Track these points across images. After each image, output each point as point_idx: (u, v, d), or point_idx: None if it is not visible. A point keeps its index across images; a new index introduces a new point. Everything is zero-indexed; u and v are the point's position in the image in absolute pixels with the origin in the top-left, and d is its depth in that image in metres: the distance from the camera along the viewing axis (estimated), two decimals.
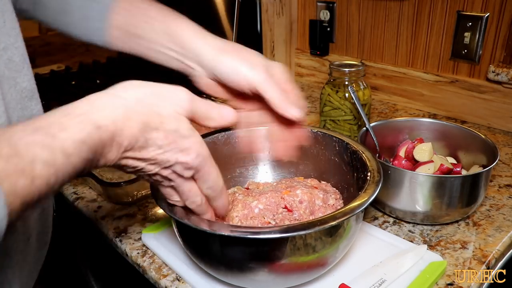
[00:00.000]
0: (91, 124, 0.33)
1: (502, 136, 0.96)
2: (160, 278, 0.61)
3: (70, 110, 0.34)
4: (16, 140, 0.29)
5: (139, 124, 0.36)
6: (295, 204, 0.57)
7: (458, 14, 0.98)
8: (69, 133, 0.32)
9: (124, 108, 0.36)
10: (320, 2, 1.23)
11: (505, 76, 0.92)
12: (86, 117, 0.33)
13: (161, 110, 0.38)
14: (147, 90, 0.39)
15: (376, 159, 0.59)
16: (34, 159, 0.29)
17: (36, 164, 0.29)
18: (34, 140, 0.30)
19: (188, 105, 0.40)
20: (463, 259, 0.60)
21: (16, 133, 0.30)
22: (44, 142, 0.30)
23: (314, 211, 0.57)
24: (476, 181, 0.64)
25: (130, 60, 1.65)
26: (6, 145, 0.28)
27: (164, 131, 0.38)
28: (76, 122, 0.33)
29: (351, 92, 0.80)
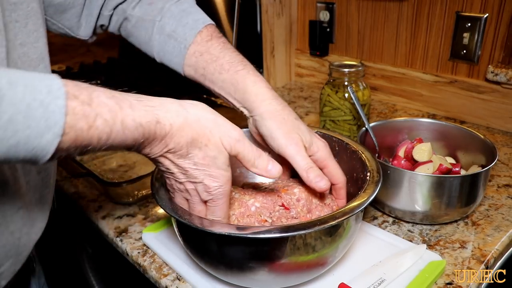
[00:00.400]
0: (153, 117, 0.39)
1: (501, 136, 0.96)
2: (160, 277, 0.61)
3: (144, 99, 0.40)
4: (94, 95, 0.35)
5: (188, 138, 0.42)
6: (292, 202, 0.57)
7: (457, 15, 0.98)
8: (134, 113, 0.38)
9: (184, 120, 0.42)
10: (319, 2, 1.24)
11: (504, 76, 0.93)
12: (152, 109, 0.39)
13: (210, 136, 0.44)
14: (209, 116, 0.44)
15: (375, 159, 0.60)
16: (99, 114, 0.35)
17: (98, 119, 0.35)
18: (107, 102, 0.36)
19: (234, 144, 0.45)
20: (462, 259, 0.61)
21: (97, 91, 0.36)
22: (112, 108, 0.36)
23: (311, 210, 0.57)
24: (475, 181, 0.64)
25: (130, 61, 1.65)
26: (86, 94, 0.35)
27: (204, 152, 0.43)
28: (143, 109, 0.39)
29: (351, 92, 0.80)
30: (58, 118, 0.32)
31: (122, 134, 0.37)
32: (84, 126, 0.34)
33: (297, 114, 0.61)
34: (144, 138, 0.39)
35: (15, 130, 0.30)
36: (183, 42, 0.62)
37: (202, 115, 0.44)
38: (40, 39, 0.52)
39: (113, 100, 0.37)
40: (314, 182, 0.54)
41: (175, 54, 0.63)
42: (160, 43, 0.64)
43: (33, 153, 0.32)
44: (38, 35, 0.52)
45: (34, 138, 0.31)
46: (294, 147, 0.55)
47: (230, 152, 0.46)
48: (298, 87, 1.35)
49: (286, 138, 0.55)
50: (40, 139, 0.31)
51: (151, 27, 0.64)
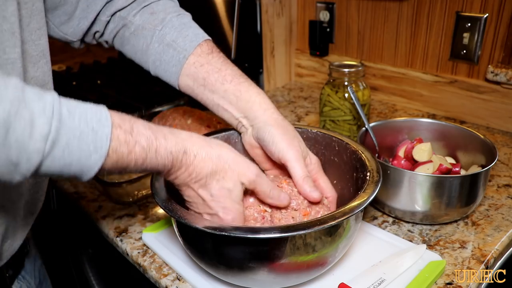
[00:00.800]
0: (182, 147, 0.45)
1: (501, 136, 0.96)
2: (160, 277, 0.61)
3: (176, 131, 0.46)
4: (135, 126, 0.42)
5: (208, 169, 0.47)
6: (294, 193, 0.57)
7: (457, 15, 0.98)
8: (166, 142, 0.44)
9: (206, 153, 0.47)
10: (319, 2, 1.24)
11: (504, 76, 0.93)
12: (181, 141, 0.46)
13: (229, 171, 0.48)
14: (230, 154, 0.49)
15: (375, 159, 0.60)
16: (138, 142, 0.41)
17: (137, 146, 0.41)
18: (144, 133, 0.42)
19: (253, 179, 0.50)
20: (462, 259, 0.61)
21: (137, 122, 0.43)
22: (149, 137, 0.43)
23: (311, 204, 0.57)
24: (475, 181, 0.64)
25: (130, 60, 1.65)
26: (128, 125, 0.41)
27: (221, 185, 0.48)
28: (174, 140, 0.45)
29: (351, 92, 0.80)
30: (104, 143, 0.38)
31: (155, 160, 0.43)
32: (124, 151, 0.40)
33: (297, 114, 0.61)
34: (172, 165, 0.45)
35: (70, 151, 0.36)
36: (183, 52, 0.63)
37: (223, 152, 0.48)
38: (42, 37, 0.54)
39: (150, 131, 0.43)
40: (308, 191, 0.56)
41: (172, 63, 0.64)
42: (158, 52, 0.65)
43: (81, 171, 0.39)
44: (41, 33, 0.54)
45: (83, 159, 0.38)
46: (295, 153, 0.57)
47: (248, 186, 0.50)
48: (298, 87, 1.35)
49: (287, 143, 0.57)
50: (88, 159, 0.38)
51: (151, 36, 0.65)
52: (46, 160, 0.35)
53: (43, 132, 0.34)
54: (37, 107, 0.34)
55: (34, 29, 0.52)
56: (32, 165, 0.35)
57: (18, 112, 0.33)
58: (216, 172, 0.47)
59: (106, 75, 1.49)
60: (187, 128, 0.90)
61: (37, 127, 0.34)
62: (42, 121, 0.34)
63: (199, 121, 0.92)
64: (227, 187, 0.48)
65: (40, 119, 0.34)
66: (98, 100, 1.23)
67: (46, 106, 0.35)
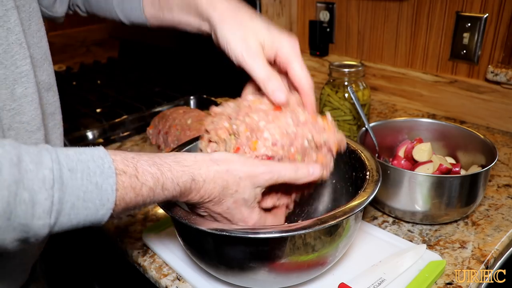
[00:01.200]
0: (189, 176, 0.44)
1: (501, 136, 0.96)
2: (160, 277, 0.61)
3: (180, 160, 0.44)
4: (139, 166, 0.41)
5: (219, 187, 0.46)
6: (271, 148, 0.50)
7: (457, 15, 0.98)
8: (172, 175, 0.42)
9: (214, 173, 0.45)
10: (319, 2, 1.24)
11: (504, 76, 0.93)
12: (188, 169, 0.44)
13: (240, 181, 0.46)
14: (237, 164, 0.47)
15: (375, 159, 0.60)
16: (144, 183, 0.40)
17: (143, 187, 0.40)
18: (150, 170, 0.41)
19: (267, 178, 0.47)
20: (462, 259, 0.61)
21: (141, 160, 0.41)
22: (154, 175, 0.41)
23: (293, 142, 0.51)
24: (475, 181, 0.64)
25: (130, 60, 1.65)
26: (132, 167, 0.40)
27: (235, 198, 0.47)
28: (180, 169, 0.43)
29: (351, 92, 0.80)
30: (110, 195, 0.37)
31: (162, 195, 0.42)
32: (132, 195, 0.39)
33: None
34: (181, 193, 0.44)
35: (77, 213, 0.36)
36: None
37: (231, 165, 0.46)
38: (43, 39, 0.54)
39: (155, 167, 0.42)
40: (271, 92, 0.51)
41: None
42: None
43: (90, 224, 0.38)
44: (41, 35, 0.53)
45: (90, 216, 0.37)
46: (248, 52, 0.51)
47: (268, 185, 0.48)
48: None
49: (242, 46, 0.51)
50: (96, 215, 0.38)
51: None
52: (54, 228, 0.35)
53: (46, 208, 0.34)
54: (36, 181, 0.33)
55: (35, 31, 0.52)
56: (40, 236, 0.35)
57: (17, 196, 0.32)
58: (228, 187, 0.46)
59: (106, 75, 1.49)
60: (186, 128, 0.90)
61: (39, 205, 0.33)
62: (43, 196, 0.34)
63: (199, 121, 0.92)
64: (242, 198, 0.47)
65: (40, 194, 0.33)
66: (98, 100, 1.23)
67: (45, 176, 0.34)
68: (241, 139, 0.51)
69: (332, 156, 0.55)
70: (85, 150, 0.38)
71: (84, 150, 0.38)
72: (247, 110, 0.52)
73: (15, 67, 0.47)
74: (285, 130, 0.50)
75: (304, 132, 0.51)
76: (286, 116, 0.51)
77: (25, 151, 0.34)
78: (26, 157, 0.34)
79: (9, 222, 0.33)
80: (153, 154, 0.44)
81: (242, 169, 0.47)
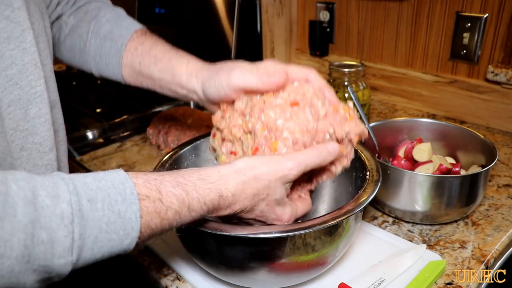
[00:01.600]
0: (216, 193, 0.42)
1: (501, 136, 0.96)
2: (160, 277, 0.61)
3: (204, 176, 0.42)
4: (162, 188, 0.38)
5: (250, 197, 0.44)
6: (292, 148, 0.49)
7: (457, 15, 0.98)
8: (198, 194, 0.41)
9: (242, 184, 0.44)
10: (319, 2, 1.24)
11: (504, 76, 0.92)
12: (214, 185, 0.42)
13: (271, 185, 0.45)
14: (262, 167, 0.45)
15: (375, 159, 0.60)
16: (169, 207, 0.38)
17: (169, 211, 0.38)
18: (174, 192, 0.39)
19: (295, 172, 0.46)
20: (462, 259, 0.61)
21: (164, 181, 0.39)
22: (179, 196, 0.39)
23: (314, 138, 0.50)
24: (475, 181, 0.64)
25: None
26: (155, 190, 0.38)
27: (267, 201, 0.46)
28: (206, 187, 0.41)
29: (351, 92, 0.80)
30: (134, 223, 0.35)
31: (189, 216, 0.41)
32: (157, 221, 0.38)
33: None
34: (208, 212, 0.42)
35: (100, 247, 0.34)
36: (120, 40, 0.61)
37: (256, 170, 0.45)
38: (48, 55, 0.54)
39: (179, 187, 0.40)
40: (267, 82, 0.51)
41: (112, 55, 0.62)
42: (96, 47, 0.63)
43: (115, 254, 0.36)
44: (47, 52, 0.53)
45: (115, 247, 0.35)
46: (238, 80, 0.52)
47: (297, 177, 0.47)
48: None
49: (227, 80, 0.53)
50: (121, 245, 0.35)
51: (86, 32, 0.64)
52: (77, 264, 0.33)
53: (67, 246, 0.32)
54: (54, 218, 0.31)
55: (42, 49, 0.51)
56: (63, 274, 0.33)
57: (35, 237, 0.30)
58: (258, 194, 0.45)
59: None
60: (186, 128, 0.90)
61: (59, 243, 0.31)
62: (63, 234, 0.32)
63: (199, 121, 0.92)
64: (274, 199, 0.46)
65: (59, 232, 0.31)
66: (98, 100, 1.23)
67: (63, 211, 0.32)
68: (259, 139, 0.50)
69: (352, 146, 0.53)
70: (105, 175, 0.36)
71: (103, 176, 0.36)
72: (261, 105, 0.51)
73: (30, 87, 0.47)
74: (305, 127, 0.49)
75: (325, 126, 0.50)
76: (305, 112, 0.50)
77: (40, 185, 0.32)
78: (42, 191, 0.32)
79: (28, 265, 0.31)
80: (176, 173, 0.42)
81: (270, 171, 0.45)
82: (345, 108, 0.54)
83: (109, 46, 0.62)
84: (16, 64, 0.45)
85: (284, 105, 0.50)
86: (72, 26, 0.65)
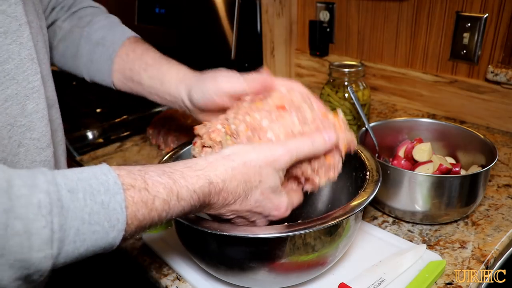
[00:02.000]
0: (205, 180, 0.40)
1: (501, 136, 0.96)
2: (160, 277, 0.61)
3: (191, 164, 0.41)
4: (147, 177, 0.37)
5: (241, 183, 0.43)
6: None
7: (457, 15, 0.98)
8: (186, 182, 0.39)
9: (232, 170, 0.42)
10: (319, 2, 1.24)
11: (504, 76, 0.93)
12: (202, 172, 0.40)
13: (262, 171, 0.44)
14: (252, 153, 0.44)
15: (374, 159, 0.60)
16: (156, 196, 0.36)
17: (156, 200, 0.36)
18: (160, 181, 0.37)
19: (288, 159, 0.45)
20: (462, 259, 0.61)
21: (149, 172, 0.38)
22: (166, 185, 0.37)
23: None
24: (475, 181, 0.64)
25: None
26: (140, 180, 0.36)
27: (261, 188, 0.44)
28: (194, 174, 0.40)
29: (351, 92, 0.80)
30: (119, 214, 0.34)
31: (179, 206, 0.39)
32: (144, 211, 0.36)
33: None
34: (199, 202, 0.40)
35: (83, 240, 0.32)
36: (112, 47, 0.62)
37: (245, 156, 0.44)
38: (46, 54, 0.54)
39: (165, 176, 0.38)
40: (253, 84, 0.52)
41: (104, 60, 0.62)
42: (88, 53, 0.63)
43: (101, 250, 0.34)
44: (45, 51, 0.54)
45: (100, 240, 0.33)
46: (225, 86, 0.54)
47: (289, 165, 0.46)
48: None
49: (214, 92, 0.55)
50: (106, 238, 0.33)
51: (79, 38, 0.64)
52: (58, 259, 0.31)
53: (45, 237, 0.30)
54: (31, 208, 0.29)
55: (40, 47, 0.52)
56: (43, 270, 0.31)
57: (9, 227, 0.28)
58: (250, 180, 0.43)
59: None
60: (186, 128, 0.90)
61: (37, 235, 0.29)
62: (41, 224, 0.29)
63: (199, 121, 0.92)
64: (268, 186, 0.45)
65: (37, 222, 0.29)
66: (98, 100, 1.23)
67: (40, 201, 0.30)
68: (241, 139, 0.49)
69: (340, 156, 0.52)
70: (85, 168, 0.35)
71: (84, 169, 0.35)
72: (247, 109, 0.51)
73: (27, 82, 0.47)
74: (291, 129, 0.48)
75: (312, 130, 0.49)
76: (291, 115, 0.49)
77: (16, 175, 0.30)
78: (18, 181, 0.30)
79: (2, 260, 0.29)
80: (161, 164, 0.41)
81: (259, 157, 0.44)
82: (335, 116, 0.53)
83: (100, 52, 0.63)
84: (13, 59, 0.45)
85: (271, 109, 0.50)
86: (66, 32, 0.65)
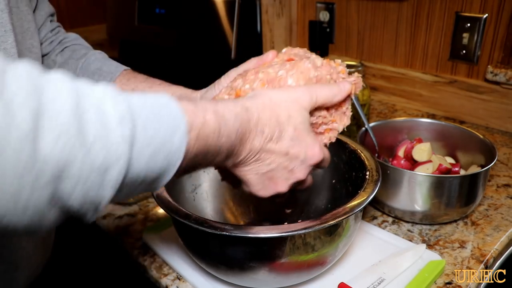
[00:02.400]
0: (241, 106, 0.40)
1: (500, 136, 0.96)
2: (160, 277, 0.61)
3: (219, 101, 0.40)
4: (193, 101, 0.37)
5: (274, 116, 0.42)
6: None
7: (456, 15, 0.98)
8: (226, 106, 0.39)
9: (262, 105, 0.42)
10: (319, 3, 1.24)
11: (503, 76, 0.93)
12: (237, 101, 0.41)
13: (290, 107, 0.43)
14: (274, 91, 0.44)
15: (374, 158, 0.60)
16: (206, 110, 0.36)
17: (207, 114, 0.36)
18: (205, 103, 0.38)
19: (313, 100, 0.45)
20: (462, 258, 0.61)
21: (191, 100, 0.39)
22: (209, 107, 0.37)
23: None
24: (475, 181, 0.64)
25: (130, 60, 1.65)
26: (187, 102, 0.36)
27: (293, 124, 0.43)
28: (231, 103, 0.40)
29: None
30: (180, 117, 0.33)
31: (226, 127, 0.38)
32: (199, 122, 0.35)
33: None
34: (242, 127, 0.39)
35: (151, 136, 0.31)
36: (109, 75, 0.64)
37: (269, 94, 0.43)
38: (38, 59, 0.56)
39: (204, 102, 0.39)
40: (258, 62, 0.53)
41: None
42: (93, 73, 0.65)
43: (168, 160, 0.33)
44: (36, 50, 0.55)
45: (167, 141, 0.32)
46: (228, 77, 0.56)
47: (314, 106, 0.45)
48: None
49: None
50: (172, 140, 0.32)
51: (75, 68, 0.66)
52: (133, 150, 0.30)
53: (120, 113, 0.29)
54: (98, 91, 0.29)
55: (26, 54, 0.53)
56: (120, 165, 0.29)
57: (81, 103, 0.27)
58: (279, 114, 0.42)
59: None
60: None
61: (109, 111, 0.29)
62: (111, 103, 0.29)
63: None
64: (300, 121, 0.43)
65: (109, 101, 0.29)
66: None
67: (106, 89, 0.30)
68: None
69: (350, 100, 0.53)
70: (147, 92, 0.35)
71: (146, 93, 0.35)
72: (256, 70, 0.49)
73: None
74: (308, 75, 0.48)
75: (324, 74, 0.49)
76: (304, 62, 0.49)
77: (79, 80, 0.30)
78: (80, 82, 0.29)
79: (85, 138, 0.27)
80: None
81: (282, 96, 0.43)
82: (336, 63, 0.53)
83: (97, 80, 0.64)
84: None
85: (281, 63, 0.49)
86: (61, 64, 0.67)
